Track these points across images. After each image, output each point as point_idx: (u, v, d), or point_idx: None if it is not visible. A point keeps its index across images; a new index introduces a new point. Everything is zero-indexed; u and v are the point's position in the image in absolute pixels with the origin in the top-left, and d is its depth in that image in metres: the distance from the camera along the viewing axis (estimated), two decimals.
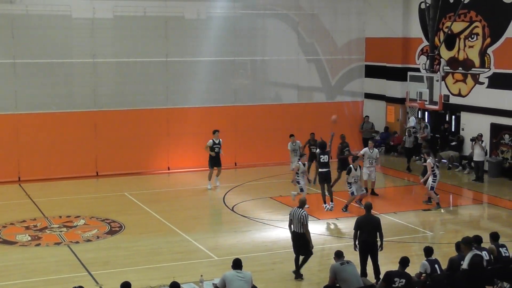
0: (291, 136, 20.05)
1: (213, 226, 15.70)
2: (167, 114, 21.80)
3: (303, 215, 11.83)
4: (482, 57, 21.63)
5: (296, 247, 12.01)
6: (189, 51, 22.07)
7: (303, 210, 11.94)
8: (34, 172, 20.19)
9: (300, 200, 12.36)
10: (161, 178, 21.18)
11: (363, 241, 11.62)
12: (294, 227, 12.02)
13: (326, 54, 24.18)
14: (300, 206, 12.08)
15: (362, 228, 11.66)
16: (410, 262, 10.04)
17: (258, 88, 24.21)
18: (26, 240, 14.46)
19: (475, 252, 10.12)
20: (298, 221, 11.87)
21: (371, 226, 11.61)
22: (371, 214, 11.91)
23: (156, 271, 12.41)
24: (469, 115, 22.17)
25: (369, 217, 11.78)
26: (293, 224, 12.04)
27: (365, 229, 11.62)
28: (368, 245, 11.61)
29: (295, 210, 12.00)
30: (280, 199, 18.07)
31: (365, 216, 11.89)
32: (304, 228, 11.82)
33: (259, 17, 23.50)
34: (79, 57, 21.01)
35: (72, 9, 20.64)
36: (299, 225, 11.86)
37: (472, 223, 16.33)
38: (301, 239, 11.89)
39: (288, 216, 12.23)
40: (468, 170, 21.52)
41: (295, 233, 11.99)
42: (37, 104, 20.52)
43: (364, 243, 11.62)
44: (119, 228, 15.36)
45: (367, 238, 11.58)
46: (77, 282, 10.72)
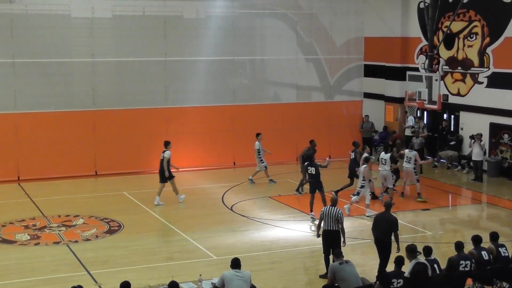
0: (258, 135, 19.86)
1: (212, 226, 15.69)
2: (166, 114, 21.80)
3: (339, 213, 11.91)
4: (481, 56, 21.64)
5: (328, 246, 11.90)
6: (188, 51, 22.06)
7: (338, 208, 12.04)
8: (33, 171, 20.19)
9: (332, 199, 12.42)
10: None
11: (376, 239, 11.83)
12: (326, 226, 12.00)
13: (325, 54, 24.18)
14: (333, 205, 12.13)
15: (378, 224, 11.86)
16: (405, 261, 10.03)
17: (257, 87, 24.22)
18: (25, 239, 14.46)
19: (418, 261, 9.88)
20: (333, 219, 11.88)
21: (387, 225, 11.74)
22: (389, 212, 12.04)
23: (155, 271, 12.41)
24: (468, 114, 22.18)
25: (386, 215, 11.94)
26: (324, 223, 12.03)
27: (380, 227, 11.79)
28: (380, 243, 11.77)
29: (328, 209, 12.03)
30: (279, 199, 18.07)
31: (382, 213, 12.09)
32: (340, 225, 11.90)
33: (258, 17, 23.51)
34: (78, 56, 21.01)
35: (71, 9, 20.64)
36: (334, 223, 11.87)
37: (471, 223, 16.34)
38: (334, 237, 11.89)
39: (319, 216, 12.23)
40: (467, 169, 21.53)
41: (327, 231, 11.95)
42: (36, 103, 20.51)
43: (377, 241, 11.83)
44: (118, 228, 15.36)
45: (380, 236, 11.76)
46: (76, 282, 10.72)
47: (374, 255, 13.34)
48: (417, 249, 10.14)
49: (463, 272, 10.41)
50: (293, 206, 17.29)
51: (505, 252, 10.96)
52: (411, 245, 10.14)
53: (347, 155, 23.83)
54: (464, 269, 10.41)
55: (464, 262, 10.44)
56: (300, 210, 16.96)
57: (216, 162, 22.07)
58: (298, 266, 12.89)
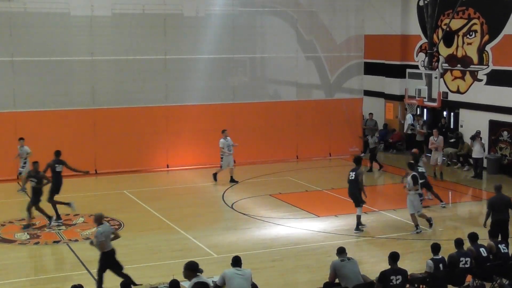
0: (224, 132, 19.67)
1: (212, 224, 15.69)
2: (166, 112, 21.78)
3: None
4: (481, 54, 21.64)
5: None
6: (188, 49, 22.04)
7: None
8: None
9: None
10: (160, 176, 21.16)
11: (497, 220, 12.66)
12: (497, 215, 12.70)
13: (325, 51, 24.16)
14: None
15: (495, 206, 12.75)
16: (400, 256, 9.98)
17: (257, 85, 24.20)
18: (25, 239, 14.45)
19: (198, 280, 8.81)
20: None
21: (503, 204, 12.78)
22: (502, 193, 13.05)
23: (155, 269, 12.41)
24: (468, 112, 22.19)
25: (501, 196, 12.98)
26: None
27: (498, 208, 12.72)
28: (502, 223, 12.63)
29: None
30: (280, 197, 18.07)
31: (497, 196, 12.99)
32: None
33: (258, 15, 23.48)
34: (77, 55, 20.96)
35: (71, 7, 20.61)
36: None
37: (471, 220, 16.33)
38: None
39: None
40: (467, 167, 21.54)
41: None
42: (36, 102, 20.49)
43: (497, 222, 12.62)
44: (118, 226, 15.34)
45: (500, 216, 12.71)
46: (76, 280, 10.72)
47: (375, 252, 13.39)
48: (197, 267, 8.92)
49: (463, 269, 10.42)
50: (293, 204, 17.29)
51: (504, 249, 10.98)
52: (191, 262, 8.97)
53: (347, 152, 24.02)
54: (464, 266, 10.44)
55: (464, 259, 10.48)
56: (300, 208, 16.95)
57: (216, 160, 21.97)
58: (299, 264, 12.89)
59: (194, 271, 8.89)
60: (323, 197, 18.31)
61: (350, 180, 14.97)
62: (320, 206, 17.05)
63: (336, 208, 16.85)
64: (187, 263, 8.95)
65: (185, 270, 8.92)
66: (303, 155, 23.58)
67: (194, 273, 8.89)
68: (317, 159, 23.37)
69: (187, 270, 8.90)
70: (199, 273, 8.93)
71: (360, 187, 14.95)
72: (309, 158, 23.46)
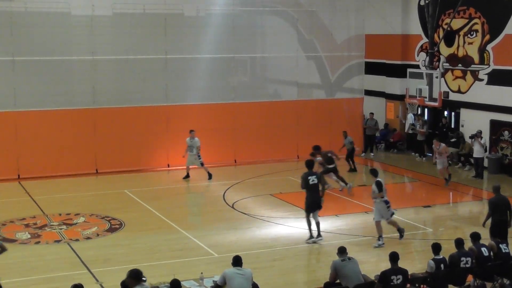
0: (191, 132, 19.67)
1: (213, 223, 15.68)
2: (167, 111, 21.78)
3: None
4: (482, 53, 21.62)
5: None
6: (188, 48, 22.04)
7: None
8: (33, 169, 20.17)
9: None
10: (161, 175, 21.16)
11: (499, 220, 12.58)
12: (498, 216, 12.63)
13: (325, 51, 24.15)
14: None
15: (497, 207, 12.64)
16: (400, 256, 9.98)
17: (258, 85, 24.19)
18: (25, 238, 14.45)
19: None
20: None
21: (504, 205, 12.69)
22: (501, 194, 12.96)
23: (156, 269, 12.40)
24: (469, 111, 22.17)
25: (501, 197, 12.84)
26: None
27: (500, 209, 12.61)
28: (502, 224, 12.55)
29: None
30: (280, 196, 18.06)
31: (497, 197, 12.85)
32: None
33: (258, 14, 23.47)
34: (78, 54, 20.96)
35: (71, 7, 20.59)
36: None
37: (471, 220, 16.31)
38: None
39: None
40: (468, 167, 21.52)
41: None
42: (36, 101, 20.47)
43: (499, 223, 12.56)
44: (119, 226, 15.35)
45: (501, 217, 12.59)
46: (77, 280, 10.70)
47: (376, 252, 13.38)
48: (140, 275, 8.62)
49: (464, 269, 10.41)
50: (294, 204, 17.27)
51: (505, 249, 10.97)
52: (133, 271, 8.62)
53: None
54: (465, 266, 10.43)
55: (465, 258, 10.47)
56: (301, 207, 16.91)
57: (217, 160, 22.05)
58: (300, 264, 12.89)
59: (137, 279, 8.45)
60: (323, 196, 18.25)
61: (312, 184, 13.83)
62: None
63: (336, 207, 16.84)
64: (130, 270, 8.52)
65: (127, 278, 8.49)
66: (304, 154, 23.47)
67: (137, 281, 8.45)
68: (318, 158, 23.30)
69: (129, 278, 8.46)
70: (143, 282, 8.52)
71: (322, 190, 14.44)
72: (310, 156, 23.38)
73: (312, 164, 14.32)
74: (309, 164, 14.19)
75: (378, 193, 13.79)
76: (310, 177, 13.88)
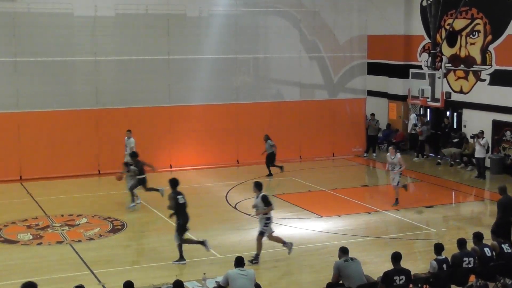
0: (128, 132, 19.33)
1: (215, 224, 15.68)
2: (169, 112, 21.79)
3: None
4: (484, 54, 21.59)
5: None
6: (191, 49, 22.04)
7: None
8: (35, 170, 20.18)
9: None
10: (163, 176, 21.05)
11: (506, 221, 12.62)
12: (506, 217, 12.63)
13: (328, 52, 24.14)
14: None
15: (507, 208, 12.66)
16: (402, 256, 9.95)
17: (260, 85, 24.19)
18: (27, 239, 14.44)
19: None
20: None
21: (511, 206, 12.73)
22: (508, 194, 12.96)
23: (159, 270, 12.40)
24: (471, 112, 22.15)
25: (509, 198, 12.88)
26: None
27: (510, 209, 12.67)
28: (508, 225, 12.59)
29: None
30: (283, 197, 18.06)
31: (506, 197, 12.85)
32: None
33: (261, 15, 23.47)
34: (81, 55, 20.99)
35: (74, 7, 20.60)
36: None
37: (473, 220, 16.31)
38: None
39: None
40: (471, 167, 21.49)
41: None
42: (39, 102, 20.49)
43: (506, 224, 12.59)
44: (121, 227, 15.35)
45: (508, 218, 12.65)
46: (79, 281, 10.71)
47: (378, 252, 13.37)
48: None
49: (466, 269, 10.40)
50: (297, 204, 17.27)
51: (508, 249, 10.95)
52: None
53: (350, 152, 24.05)
54: (467, 266, 10.42)
55: (467, 258, 10.45)
56: (303, 208, 16.93)
57: (219, 161, 22.06)
58: (302, 264, 12.88)
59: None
60: (326, 197, 18.29)
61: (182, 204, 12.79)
62: (323, 206, 17.03)
63: (339, 208, 16.83)
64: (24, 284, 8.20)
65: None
66: (307, 155, 23.56)
67: None
68: (320, 159, 23.35)
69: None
70: None
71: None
72: (312, 158, 23.44)
73: (177, 183, 13.11)
74: (174, 183, 13.04)
75: (264, 209, 12.59)
76: (178, 196, 12.85)
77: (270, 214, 12.72)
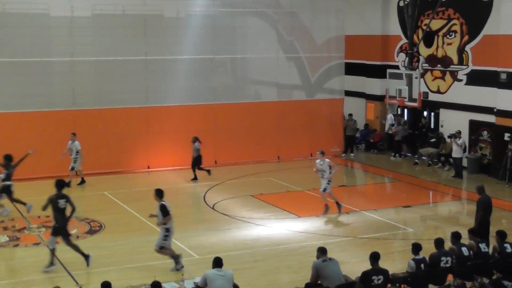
0: (72, 135, 19.32)
1: (193, 225, 15.64)
2: (147, 113, 21.68)
3: None
4: (460, 54, 21.84)
5: None
6: (168, 50, 21.95)
7: None
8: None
9: None
10: (141, 177, 21.05)
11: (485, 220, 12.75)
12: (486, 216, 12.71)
13: (305, 52, 24.20)
14: None
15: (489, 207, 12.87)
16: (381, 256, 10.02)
17: (238, 86, 24.17)
18: (4, 241, 14.27)
19: None
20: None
21: (490, 205, 12.90)
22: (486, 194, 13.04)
23: (137, 271, 12.33)
24: (448, 112, 22.38)
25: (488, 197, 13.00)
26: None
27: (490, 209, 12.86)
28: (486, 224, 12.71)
29: None
30: (261, 197, 18.07)
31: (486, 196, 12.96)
32: None
33: (239, 15, 23.45)
34: (57, 55, 20.76)
35: (50, 8, 20.40)
36: None
37: (451, 219, 16.48)
38: None
39: None
40: (448, 167, 21.71)
41: None
42: (16, 103, 20.25)
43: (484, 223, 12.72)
44: (99, 228, 15.23)
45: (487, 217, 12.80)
46: (56, 283, 10.62)
47: (357, 252, 13.45)
48: None
49: (444, 268, 10.49)
50: (274, 205, 17.29)
51: (485, 248, 11.07)
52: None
53: (328, 153, 24.06)
54: (445, 265, 10.51)
55: (445, 258, 10.53)
56: (282, 208, 16.96)
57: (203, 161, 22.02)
58: (281, 264, 12.90)
59: None
60: (304, 197, 18.34)
61: (62, 208, 12.48)
62: (301, 207, 17.07)
63: (317, 208, 16.85)
64: None
65: None
66: (285, 155, 23.61)
67: None
68: (299, 159, 23.41)
69: None
70: None
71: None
72: (290, 158, 23.49)
73: (63, 185, 12.87)
74: (60, 185, 12.73)
75: (163, 219, 12.09)
76: (60, 199, 12.50)
77: (170, 225, 12.19)
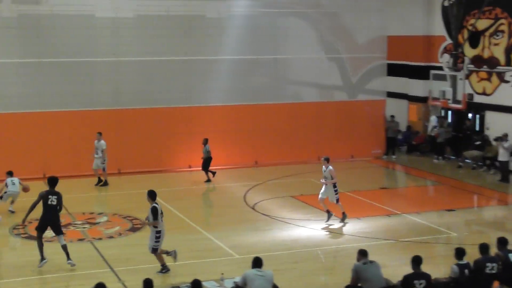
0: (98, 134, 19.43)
1: (234, 224, 15.69)
2: (189, 113, 21.88)
3: None
4: (508, 55, 21.31)
5: None
6: (210, 50, 22.13)
7: None
8: (58, 169, 20.21)
9: None
10: (182, 176, 21.24)
11: None
12: None
13: (347, 53, 24.03)
14: None
15: None
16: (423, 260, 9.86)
17: (279, 86, 24.13)
18: (50, 236, 14.55)
19: None
20: None
21: None
22: None
23: (177, 269, 12.44)
24: (494, 114, 21.86)
25: None
26: None
27: None
28: None
29: None
30: (301, 198, 18.02)
31: None
32: None
33: (280, 16, 23.44)
34: (101, 56, 21.17)
35: (96, 9, 20.86)
36: None
37: (496, 224, 16.09)
38: None
39: None
40: (493, 170, 21.19)
41: None
42: (61, 102, 20.75)
43: None
44: (141, 225, 15.43)
45: None
46: (100, 278, 10.77)
47: (398, 256, 13.27)
48: None
49: (489, 275, 10.24)
50: (315, 206, 17.21)
51: None
52: None
53: (369, 154, 23.91)
54: (490, 272, 10.23)
55: (490, 264, 10.24)
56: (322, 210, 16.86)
57: (237, 161, 22.07)
58: (320, 266, 12.84)
59: None
60: (345, 199, 18.16)
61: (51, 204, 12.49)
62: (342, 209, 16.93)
63: (358, 210, 16.73)
64: None
65: None
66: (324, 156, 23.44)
67: None
68: (339, 161, 23.22)
69: None
70: None
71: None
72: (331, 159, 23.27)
73: (56, 182, 12.89)
74: (53, 182, 12.82)
75: (154, 221, 12.01)
76: (50, 196, 12.53)
77: (160, 227, 12.09)
